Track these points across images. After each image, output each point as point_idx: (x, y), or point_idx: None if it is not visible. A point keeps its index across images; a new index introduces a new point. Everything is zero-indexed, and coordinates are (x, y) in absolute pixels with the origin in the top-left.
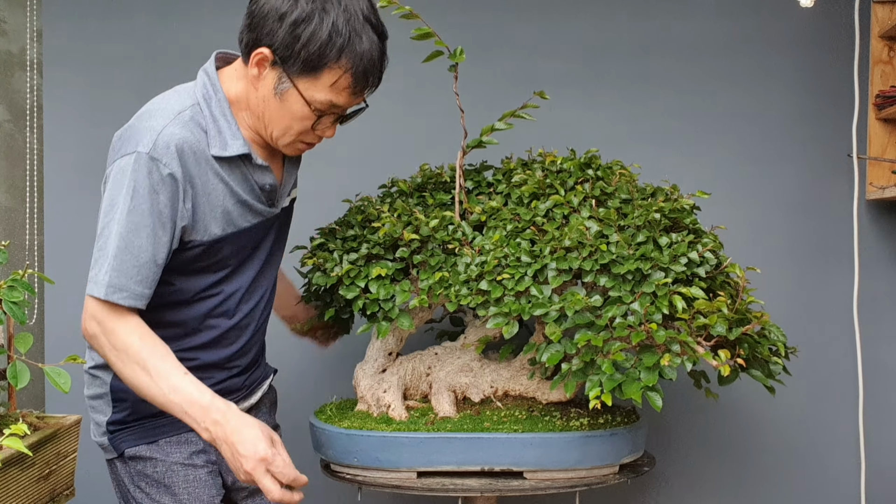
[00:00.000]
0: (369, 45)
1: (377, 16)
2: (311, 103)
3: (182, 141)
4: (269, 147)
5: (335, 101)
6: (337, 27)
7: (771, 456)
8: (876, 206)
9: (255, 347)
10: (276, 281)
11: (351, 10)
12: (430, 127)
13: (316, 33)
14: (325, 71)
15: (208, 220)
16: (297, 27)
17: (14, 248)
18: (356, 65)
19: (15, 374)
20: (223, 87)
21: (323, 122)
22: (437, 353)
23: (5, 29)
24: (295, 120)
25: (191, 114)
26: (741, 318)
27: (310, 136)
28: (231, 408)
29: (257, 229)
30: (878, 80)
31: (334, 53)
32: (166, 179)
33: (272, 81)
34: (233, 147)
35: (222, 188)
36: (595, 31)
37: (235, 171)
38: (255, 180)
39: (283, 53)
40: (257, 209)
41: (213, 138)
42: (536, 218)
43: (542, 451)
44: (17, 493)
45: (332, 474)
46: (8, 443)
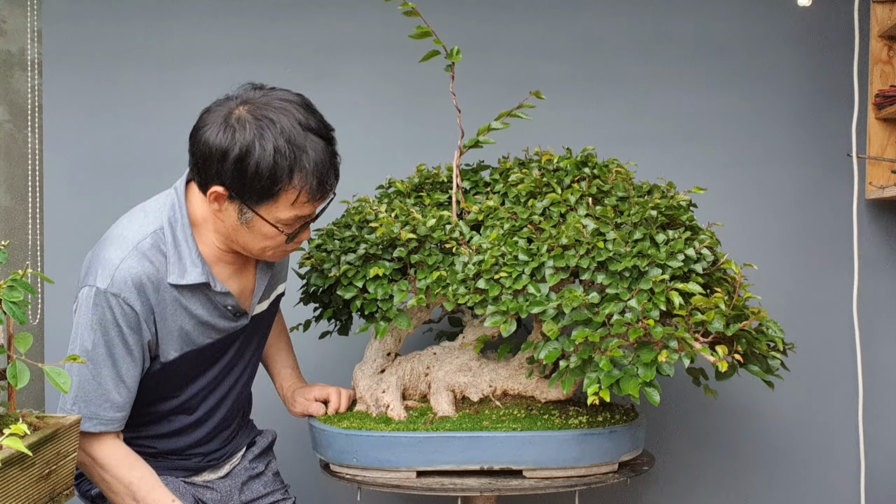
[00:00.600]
0: (315, 154)
1: (315, 116)
2: (278, 224)
3: (139, 274)
4: (238, 261)
5: (300, 214)
6: (280, 150)
7: (771, 455)
8: (875, 206)
9: (221, 434)
10: (251, 368)
11: (287, 127)
12: (427, 127)
13: (261, 163)
14: (282, 194)
15: (166, 342)
16: (241, 162)
17: (14, 248)
18: (309, 178)
19: (15, 374)
20: (189, 207)
21: (296, 231)
22: (435, 353)
23: (5, 29)
24: (268, 239)
25: (151, 241)
26: (739, 314)
27: (287, 246)
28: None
29: (221, 343)
30: (877, 79)
31: (285, 176)
32: (127, 312)
33: (234, 213)
34: (191, 275)
35: (181, 312)
36: (592, 30)
37: (197, 294)
38: (218, 301)
39: (237, 188)
40: (220, 327)
41: (172, 265)
42: (533, 216)
43: (541, 450)
44: (17, 493)
45: (331, 474)
46: (8, 443)
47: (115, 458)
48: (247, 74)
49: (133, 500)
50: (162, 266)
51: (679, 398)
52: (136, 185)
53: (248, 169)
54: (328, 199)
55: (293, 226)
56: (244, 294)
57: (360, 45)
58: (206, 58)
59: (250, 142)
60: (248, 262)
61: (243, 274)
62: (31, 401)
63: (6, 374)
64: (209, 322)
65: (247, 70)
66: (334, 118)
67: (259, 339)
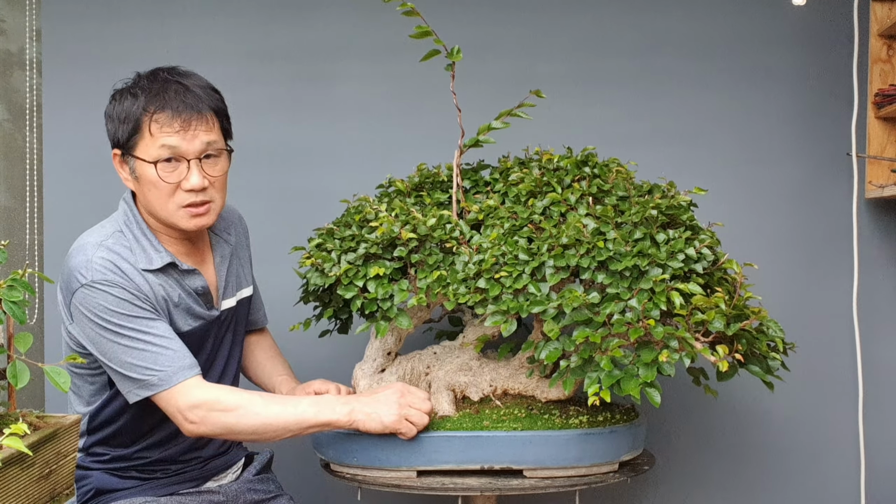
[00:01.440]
0: (160, 82)
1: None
2: (152, 159)
3: (114, 258)
4: (196, 253)
5: (167, 143)
6: (132, 91)
7: (771, 454)
8: (875, 205)
9: (213, 441)
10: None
11: (137, 77)
12: (428, 126)
13: (118, 104)
14: (143, 125)
15: None
16: (111, 114)
17: (14, 248)
18: (157, 97)
19: (15, 373)
20: (140, 209)
21: (181, 173)
22: (435, 353)
23: (4, 28)
24: (158, 188)
25: (113, 240)
26: (739, 314)
27: (183, 196)
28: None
29: (199, 333)
30: (877, 78)
31: (138, 106)
32: (118, 291)
33: (128, 172)
34: (157, 260)
35: (162, 293)
36: (592, 29)
37: (169, 279)
38: (188, 284)
39: (116, 140)
40: (196, 312)
41: (139, 255)
42: (534, 216)
43: (542, 449)
44: (17, 492)
45: (331, 474)
46: (8, 442)
47: (226, 389)
48: (247, 74)
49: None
50: (130, 257)
51: (680, 398)
52: None
53: (115, 116)
54: (193, 129)
55: (172, 165)
56: (210, 286)
57: (359, 45)
58: (206, 58)
59: (114, 97)
60: (204, 256)
61: (203, 269)
62: (31, 401)
63: (6, 373)
64: (185, 304)
65: (247, 70)
66: (334, 118)
67: (233, 338)
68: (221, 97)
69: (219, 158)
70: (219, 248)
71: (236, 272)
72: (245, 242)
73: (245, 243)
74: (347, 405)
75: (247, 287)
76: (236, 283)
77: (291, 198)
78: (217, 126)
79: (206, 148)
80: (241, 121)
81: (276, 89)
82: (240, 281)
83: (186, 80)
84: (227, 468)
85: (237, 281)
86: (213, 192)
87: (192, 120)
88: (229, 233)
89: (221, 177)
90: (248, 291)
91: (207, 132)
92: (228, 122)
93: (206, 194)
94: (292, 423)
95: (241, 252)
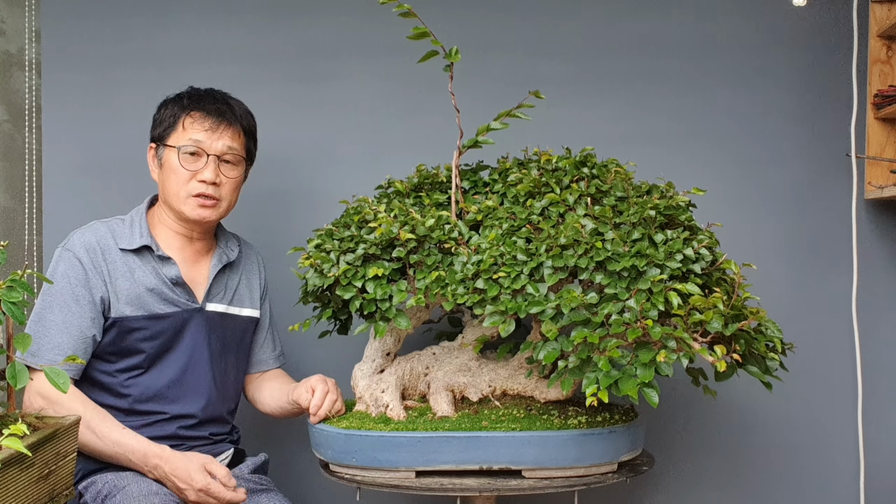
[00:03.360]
0: (206, 93)
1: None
2: (178, 147)
3: (90, 239)
4: (191, 251)
5: (194, 136)
6: (180, 96)
7: (770, 455)
8: (874, 206)
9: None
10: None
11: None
12: (427, 127)
13: (164, 108)
14: (179, 120)
15: (118, 300)
16: (157, 116)
17: (13, 248)
18: (198, 101)
19: (14, 374)
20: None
21: (199, 165)
22: (434, 353)
23: (4, 29)
24: (177, 174)
25: (108, 223)
26: (737, 314)
27: (195, 185)
28: (165, 450)
29: (176, 318)
30: (876, 79)
31: (180, 107)
32: (75, 265)
33: (156, 160)
34: (137, 241)
35: (129, 274)
36: (592, 30)
37: (147, 263)
38: (163, 272)
39: (155, 135)
40: (170, 298)
41: (124, 237)
42: (532, 216)
43: (541, 450)
44: (17, 493)
45: (331, 474)
46: (7, 443)
47: (77, 402)
48: (247, 74)
49: (87, 430)
50: (114, 237)
51: (678, 398)
52: (135, 186)
53: (160, 116)
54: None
55: (193, 158)
56: (195, 281)
57: (359, 46)
58: (205, 58)
59: (164, 101)
60: (199, 256)
61: (195, 266)
62: None
63: (6, 374)
64: (158, 289)
65: (247, 70)
66: (334, 118)
67: (223, 343)
68: (255, 122)
69: (236, 165)
70: (218, 254)
71: (236, 287)
72: (258, 273)
73: (258, 273)
74: (157, 469)
75: (249, 308)
76: (233, 296)
77: (291, 198)
78: (243, 140)
79: (227, 151)
80: None
81: (276, 89)
82: (240, 298)
83: (229, 98)
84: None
85: (235, 295)
86: (224, 191)
87: (222, 125)
88: (233, 249)
89: (234, 180)
90: (251, 313)
91: (232, 139)
92: (255, 146)
93: (216, 191)
94: (105, 455)
95: (251, 276)
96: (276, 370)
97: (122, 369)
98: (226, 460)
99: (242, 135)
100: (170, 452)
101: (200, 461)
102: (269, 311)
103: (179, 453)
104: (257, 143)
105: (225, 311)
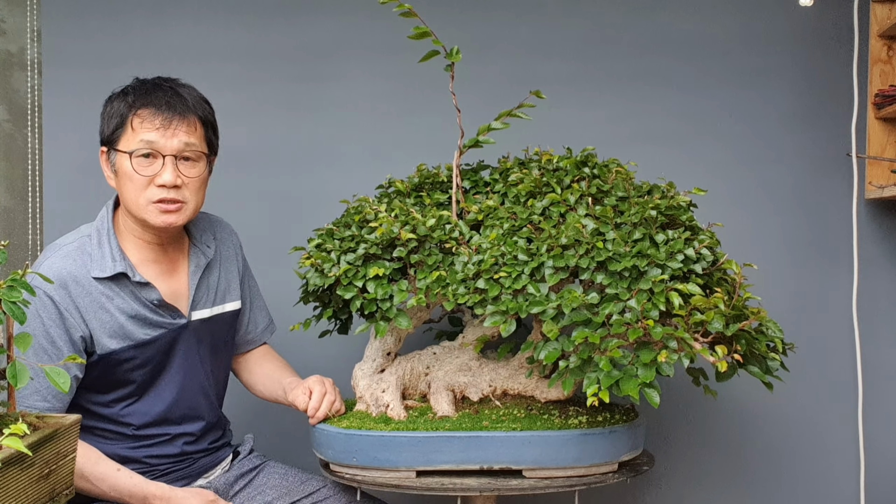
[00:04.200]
0: (152, 85)
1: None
2: (130, 151)
3: (61, 270)
4: (166, 261)
5: (145, 137)
6: (125, 91)
7: (771, 455)
8: (875, 206)
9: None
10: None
11: (134, 80)
12: (427, 127)
13: (109, 105)
14: (127, 120)
15: (101, 334)
16: (103, 113)
17: (14, 248)
18: (145, 96)
19: (14, 373)
20: (115, 216)
21: (156, 169)
22: (435, 353)
23: (5, 29)
24: (132, 181)
25: (77, 245)
26: (738, 315)
27: (155, 191)
28: (164, 488)
29: (163, 341)
30: (877, 79)
31: (126, 104)
32: (47, 304)
33: (109, 167)
34: (111, 268)
35: (110, 305)
36: (592, 30)
37: (124, 288)
38: (143, 296)
39: (103, 137)
40: (154, 321)
41: (96, 262)
42: (533, 216)
43: (541, 450)
44: (17, 493)
45: (331, 474)
46: (7, 443)
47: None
48: (247, 74)
49: (81, 478)
50: (86, 264)
51: (679, 398)
52: None
53: (105, 113)
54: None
55: (148, 161)
56: (177, 295)
57: (359, 45)
58: (206, 58)
59: (110, 95)
60: (176, 264)
61: (173, 276)
62: None
63: (6, 374)
64: (140, 315)
65: (247, 70)
66: (334, 118)
67: (211, 349)
68: (212, 110)
69: (197, 162)
70: (195, 257)
71: (217, 285)
72: (234, 256)
73: (234, 257)
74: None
75: (231, 301)
76: (216, 295)
77: (291, 198)
78: (200, 133)
79: (185, 148)
80: (241, 121)
81: (275, 89)
82: (222, 294)
83: (179, 87)
84: (215, 465)
85: (217, 294)
86: (187, 192)
87: (174, 120)
88: (209, 245)
89: (196, 179)
90: (234, 306)
91: (188, 134)
92: (215, 135)
93: (179, 193)
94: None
95: (229, 265)
96: (263, 347)
97: (116, 399)
98: (226, 467)
99: (199, 126)
100: (169, 489)
101: (205, 497)
102: (250, 287)
103: (181, 491)
104: (218, 132)
105: (210, 315)
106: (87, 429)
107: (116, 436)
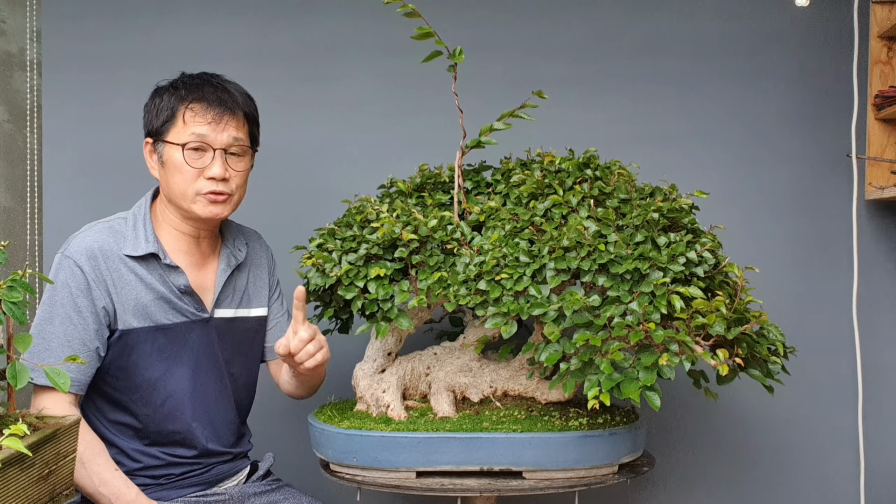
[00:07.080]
0: (201, 80)
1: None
2: (181, 144)
3: (92, 244)
4: (198, 254)
5: (196, 131)
6: (174, 85)
7: (771, 456)
8: (875, 207)
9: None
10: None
11: (181, 75)
12: (429, 127)
13: (158, 98)
14: (178, 113)
15: (125, 311)
16: (150, 106)
17: (14, 248)
18: (196, 90)
19: (14, 374)
20: (153, 206)
21: (206, 161)
22: (436, 354)
23: (5, 29)
24: (182, 173)
25: (110, 224)
26: (739, 318)
27: (204, 183)
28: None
29: (182, 328)
30: (877, 80)
31: (177, 98)
32: (76, 274)
33: (157, 159)
34: (143, 248)
35: (136, 283)
36: (594, 31)
37: (153, 271)
38: (171, 280)
39: (151, 129)
40: (179, 307)
41: (129, 241)
42: (535, 218)
43: (541, 451)
44: (17, 493)
45: (331, 474)
46: (7, 443)
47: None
48: (247, 74)
49: (78, 462)
50: (117, 241)
51: (679, 399)
52: (136, 185)
53: (153, 108)
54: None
55: (198, 154)
56: (203, 288)
57: (361, 45)
58: (206, 58)
59: (153, 93)
60: (207, 259)
61: (202, 270)
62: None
63: (6, 374)
64: (164, 297)
65: (247, 70)
66: (336, 118)
67: (233, 350)
68: (255, 106)
69: (243, 157)
70: (226, 257)
71: (245, 288)
72: (266, 267)
73: (266, 268)
74: None
75: (258, 308)
76: (241, 297)
77: (293, 198)
78: (246, 128)
79: (233, 143)
80: None
81: (278, 89)
82: (248, 298)
83: (225, 83)
84: (232, 474)
85: (244, 297)
86: (234, 185)
87: (224, 115)
88: (241, 248)
89: (243, 173)
90: (259, 312)
91: (237, 129)
92: (258, 130)
93: (227, 186)
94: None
95: (259, 272)
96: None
97: (132, 387)
98: (243, 479)
99: (246, 123)
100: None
101: None
102: (285, 305)
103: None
104: (260, 127)
105: (234, 316)
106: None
107: (131, 430)
